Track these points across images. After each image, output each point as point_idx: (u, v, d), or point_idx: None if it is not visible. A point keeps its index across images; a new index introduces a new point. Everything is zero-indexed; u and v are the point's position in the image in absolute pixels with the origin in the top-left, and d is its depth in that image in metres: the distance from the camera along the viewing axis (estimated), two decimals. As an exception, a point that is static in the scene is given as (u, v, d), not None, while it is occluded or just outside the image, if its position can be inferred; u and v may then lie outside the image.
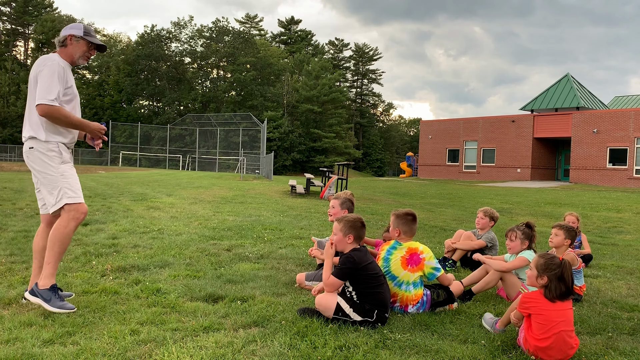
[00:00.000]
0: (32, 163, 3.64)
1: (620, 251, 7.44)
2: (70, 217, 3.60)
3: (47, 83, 3.54)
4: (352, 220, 3.75)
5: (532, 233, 4.43)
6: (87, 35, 3.80)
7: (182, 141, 51.11)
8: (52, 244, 3.57)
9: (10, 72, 54.09)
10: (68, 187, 3.63)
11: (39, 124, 3.60)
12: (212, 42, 59.85)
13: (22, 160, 45.65)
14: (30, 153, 3.62)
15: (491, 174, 36.35)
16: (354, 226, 3.71)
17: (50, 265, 3.56)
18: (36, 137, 3.60)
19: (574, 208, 14.04)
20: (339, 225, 3.74)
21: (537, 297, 3.06)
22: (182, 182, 18.86)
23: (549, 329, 2.95)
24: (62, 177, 3.62)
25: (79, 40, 3.78)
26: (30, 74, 3.70)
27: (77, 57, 3.80)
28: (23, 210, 8.68)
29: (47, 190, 3.62)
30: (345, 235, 3.69)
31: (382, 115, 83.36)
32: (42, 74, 3.57)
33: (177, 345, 2.90)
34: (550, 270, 3.04)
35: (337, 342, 3.03)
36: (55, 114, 3.55)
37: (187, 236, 6.71)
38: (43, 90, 3.53)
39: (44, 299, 3.47)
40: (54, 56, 3.70)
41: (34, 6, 59.25)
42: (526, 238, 4.41)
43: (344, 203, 4.85)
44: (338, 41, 77.43)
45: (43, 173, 3.61)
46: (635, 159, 29.48)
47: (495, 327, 3.40)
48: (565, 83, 36.69)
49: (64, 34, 3.78)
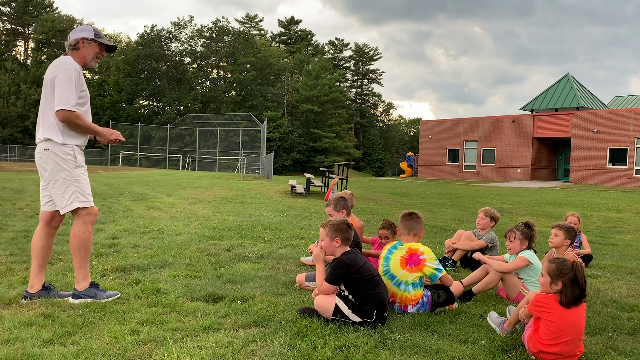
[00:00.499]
0: (45, 164, 3.67)
1: (620, 251, 7.43)
2: (85, 222, 3.74)
3: (67, 88, 3.58)
4: (337, 223, 3.70)
5: (532, 233, 4.42)
6: (98, 37, 3.85)
7: (182, 141, 51.10)
8: (76, 250, 3.72)
9: (10, 72, 54.09)
10: (80, 191, 3.72)
11: (56, 127, 3.64)
12: (212, 42, 59.86)
13: (22, 160, 45.69)
14: (44, 154, 3.65)
15: (491, 174, 36.35)
16: (340, 229, 3.65)
17: (82, 269, 3.72)
18: (52, 140, 3.63)
19: (574, 208, 14.04)
20: (324, 231, 3.68)
21: (551, 303, 2.98)
22: (182, 182, 18.86)
23: (558, 337, 2.92)
24: (75, 181, 3.69)
25: (90, 43, 3.81)
26: (45, 75, 3.72)
27: (90, 59, 3.84)
28: (23, 210, 8.68)
29: (59, 192, 3.67)
30: (332, 240, 3.64)
31: (382, 115, 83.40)
32: (59, 78, 3.59)
33: (177, 345, 2.90)
34: (564, 275, 2.96)
35: (337, 342, 3.03)
36: (75, 120, 3.61)
37: (187, 236, 6.71)
38: (63, 95, 3.57)
39: (90, 296, 3.68)
40: (69, 59, 3.71)
41: (34, 6, 59.25)
42: (525, 238, 4.41)
43: (337, 204, 4.77)
44: (338, 41, 77.47)
45: (56, 175, 3.66)
46: (635, 159, 29.48)
47: (503, 327, 3.37)
48: (565, 83, 36.69)
49: (75, 37, 3.79)
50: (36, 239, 3.81)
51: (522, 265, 4.31)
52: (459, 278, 4.61)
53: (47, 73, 3.71)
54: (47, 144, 3.65)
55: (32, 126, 51.53)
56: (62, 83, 3.58)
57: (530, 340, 3.03)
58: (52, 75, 3.65)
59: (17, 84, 52.46)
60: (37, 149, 3.72)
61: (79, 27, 3.90)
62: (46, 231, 3.81)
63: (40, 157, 3.69)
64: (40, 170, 3.74)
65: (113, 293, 3.80)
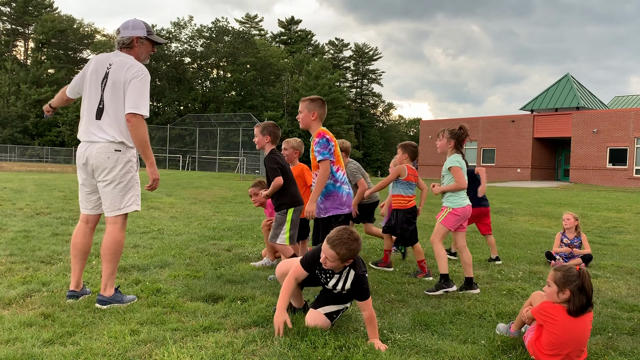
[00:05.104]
0: (112, 165, 3.58)
1: (620, 251, 7.44)
2: (124, 226, 3.73)
3: (143, 94, 3.55)
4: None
5: (461, 133, 4.51)
6: (150, 34, 3.79)
7: (182, 141, 51.09)
8: (113, 256, 3.66)
9: (10, 72, 54.05)
10: (138, 194, 3.74)
11: (127, 130, 3.60)
12: (212, 42, 59.86)
13: (22, 160, 45.67)
14: (114, 155, 3.57)
15: (491, 174, 36.30)
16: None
17: (113, 275, 3.69)
18: (125, 143, 3.60)
19: (574, 208, 14.04)
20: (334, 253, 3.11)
21: (557, 314, 2.91)
22: (182, 182, 18.86)
23: (559, 348, 2.88)
24: (137, 185, 3.72)
25: (143, 42, 3.77)
26: (113, 73, 3.59)
27: (143, 57, 3.81)
28: (23, 210, 8.68)
29: (121, 193, 3.62)
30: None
31: (382, 115, 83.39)
32: (137, 82, 3.54)
33: (177, 345, 2.90)
34: (571, 283, 2.89)
35: (337, 342, 3.03)
36: (144, 128, 3.60)
37: (187, 236, 6.72)
38: (139, 100, 3.53)
39: (117, 301, 3.64)
40: (138, 62, 3.65)
41: (34, 6, 59.21)
42: (452, 137, 4.51)
43: (264, 129, 4.62)
44: (338, 41, 77.43)
45: (124, 177, 3.61)
46: (635, 159, 29.49)
47: (509, 331, 3.35)
48: (565, 83, 36.71)
49: (128, 36, 3.71)
50: (79, 238, 3.78)
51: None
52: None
53: (117, 71, 3.57)
54: (120, 146, 3.58)
55: (32, 126, 51.60)
56: (139, 88, 3.54)
57: (531, 346, 3.02)
58: (127, 77, 3.54)
59: (17, 84, 52.43)
60: (102, 148, 3.57)
61: (130, 23, 3.76)
62: (90, 227, 3.80)
63: (107, 157, 3.56)
64: (102, 170, 3.60)
65: (131, 297, 3.77)
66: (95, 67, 3.69)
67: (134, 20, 3.80)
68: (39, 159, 47.75)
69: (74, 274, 3.77)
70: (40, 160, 47.05)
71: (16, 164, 35.16)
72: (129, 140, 3.62)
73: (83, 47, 60.97)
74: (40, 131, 52.46)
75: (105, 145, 3.57)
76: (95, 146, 3.60)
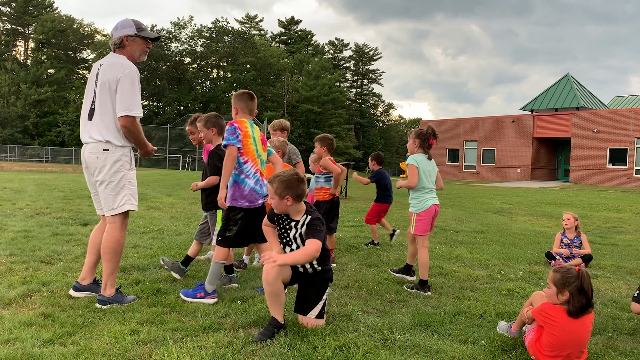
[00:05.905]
0: (101, 165, 3.59)
1: (620, 251, 7.44)
2: (124, 226, 3.71)
3: (132, 93, 3.52)
4: (287, 178, 3.23)
5: (426, 133, 4.56)
6: (141, 30, 3.74)
7: (182, 141, 51.06)
8: (112, 255, 3.65)
9: (10, 72, 54.06)
10: (132, 194, 3.69)
11: (116, 129, 3.58)
12: (212, 42, 59.87)
13: (22, 160, 45.71)
14: (102, 155, 3.57)
15: (491, 174, 36.35)
16: (290, 185, 3.21)
17: (113, 275, 3.68)
18: (112, 142, 3.58)
19: (574, 208, 14.05)
20: (272, 188, 3.23)
21: (557, 316, 2.89)
22: (182, 182, 18.87)
23: (559, 350, 2.88)
24: (129, 184, 3.67)
25: (134, 39, 3.72)
26: (102, 74, 3.59)
27: (138, 55, 3.77)
28: (23, 211, 8.68)
29: (112, 193, 3.62)
30: (282, 198, 3.23)
31: (382, 115, 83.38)
32: (123, 82, 3.51)
33: (177, 345, 2.90)
34: (570, 284, 2.88)
35: (337, 342, 3.03)
36: (137, 128, 3.58)
37: (187, 236, 6.72)
38: (129, 100, 3.50)
39: (117, 302, 3.63)
40: (127, 61, 3.63)
41: (34, 6, 59.22)
42: (417, 137, 4.59)
43: (208, 121, 4.47)
44: (338, 41, 77.41)
45: (113, 176, 3.60)
46: (635, 159, 29.49)
47: (510, 331, 3.35)
48: (565, 83, 36.71)
49: (118, 36, 3.69)
50: (94, 232, 3.83)
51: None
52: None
53: (106, 72, 3.57)
54: (107, 146, 3.57)
55: (32, 126, 51.58)
56: (126, 88, 3.51)
57: (531, 347, 3.01)
58: (113, 77, 3.53)
59: (17, 84, 52.44)
60: (92, 148, 3.59)
61: (119, 23, 3.74)
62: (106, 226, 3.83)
63: (97, 157, 3.58)
64: (93, 170, 3.63)
65: (132, 297, 3.76)
66: (92, 70, 3.77)
67: (123, 20, 3.78)
68: (39, 159, 47.76)
69: (84, 267, 3.85)
70: (40, 160, 47.07)
71: (16, 164, 35.17)
72: (117, 139, 3.59)
73: (83, 47, 60.96)
74: (40, 131, 52.47)
75: (94, 145, 3.60)
76: (87, 147, 3.65)
